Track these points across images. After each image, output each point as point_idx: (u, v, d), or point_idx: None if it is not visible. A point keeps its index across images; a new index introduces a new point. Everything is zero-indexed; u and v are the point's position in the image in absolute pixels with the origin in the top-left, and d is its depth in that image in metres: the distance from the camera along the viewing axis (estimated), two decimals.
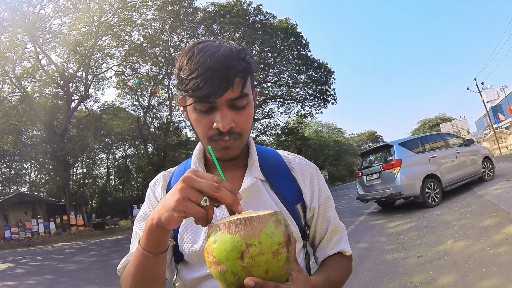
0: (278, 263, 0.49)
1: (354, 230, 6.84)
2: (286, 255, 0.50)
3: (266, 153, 0.89)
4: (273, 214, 0.51)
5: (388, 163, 7.91)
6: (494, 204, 5.77)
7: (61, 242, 14.50)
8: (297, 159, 0.90)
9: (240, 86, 0.67)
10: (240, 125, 0.71)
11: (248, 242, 0.47)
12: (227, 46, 0.69)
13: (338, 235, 0.88)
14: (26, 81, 20.36)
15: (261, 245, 0.47)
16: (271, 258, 0.48)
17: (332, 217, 0.88)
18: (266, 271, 0.48)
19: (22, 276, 7.06)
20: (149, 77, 23.79)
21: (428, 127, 51.69)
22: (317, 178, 0.88)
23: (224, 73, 0.64)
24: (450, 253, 3.95)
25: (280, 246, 0.49)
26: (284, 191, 0.82)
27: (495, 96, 43.13)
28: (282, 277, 0.52)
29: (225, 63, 0.65)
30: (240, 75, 0.67)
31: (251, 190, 0.79)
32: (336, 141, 49.50)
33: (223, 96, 0.66)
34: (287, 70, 28.74)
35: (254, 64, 0.74)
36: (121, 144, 28.71)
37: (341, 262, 0.86)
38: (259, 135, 32.15)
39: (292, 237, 0.52)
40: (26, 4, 17.76)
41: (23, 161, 25.52)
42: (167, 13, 21.87)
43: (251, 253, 0.47)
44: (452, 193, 8.41)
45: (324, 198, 0.87)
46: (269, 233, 0.48)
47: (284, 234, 0.50)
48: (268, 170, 0.83)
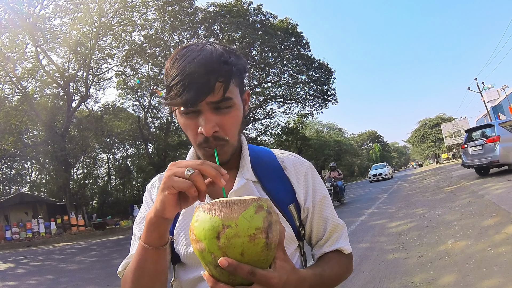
0: (255, 247, 0.49)
1: (354, 230, 6.84)
2: (265, 241, 0.50)
3: (260, 153, 0.87)
4: (256, 200, 0.52)
5: (490, 138, 9.86)
6: (495, 204, 5.77)
7: (62, 242, 14.51)
8: (291, 157, 0.88)
9: (222, 90, 0.66)
10: (225, 129, 0.70)
11: (225, 223, 0.49)
12: (209, 50, 0.67)
13: (337, 233, 0.87)
14: (27, 82, 20.38)
15: (238, 228, 0.48)
16: (247, 241, 0.49)
17: (330, 216, 0.86)
18: (241, 254, 0.49)
19: (23, 276, 7.07)
20: (150, 77, 23.80)
21: (428, 127, 51.60)
22: (312, 176, 0.86)
23: (203, 78, 0.64)
24: (450, 253, 3.94)
25: (258, 231, 0.49)
26: (276, 192, 0.81)
27: (496, 95, 43.05)
28: (261, 263, 0.52)
29: (204, 68, 0.64)
30: (221, 79, 0.65)
31: (242, 191, 0.78)
32: (336, 141, 49.50)
33: (204, 100, 0.65)
34: (287, 70, 28.72)
35: (243, 65, 0.73)
36: (122, 144, 28.73)
37: (338, 260, 0.84)
38: (260, 135, 32.14)
39: (274, 225, 0.52)
40: (27, 5, 17.77)
41: (24, 161, 25.54)
42: (167, 13, 21.87)
43: (227, 234, 0.48)
44: (452, 193, 8.40)
45: (320, 197, 0.86)
46: (247, 217, 0.49)
47: (265, 220, 0.51)
48: (260, 171, 0.82)
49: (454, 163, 33.81)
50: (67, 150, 19.20)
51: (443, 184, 12.30)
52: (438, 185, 12.50)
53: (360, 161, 64.43)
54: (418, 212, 7.57)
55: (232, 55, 0.70)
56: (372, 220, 7.92)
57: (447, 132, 43.91)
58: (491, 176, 10.15)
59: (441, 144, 48.94)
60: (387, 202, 11.15)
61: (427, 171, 29.38)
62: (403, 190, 15.26)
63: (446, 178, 14.94)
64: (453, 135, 43.35)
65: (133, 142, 27.57)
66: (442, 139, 46.11)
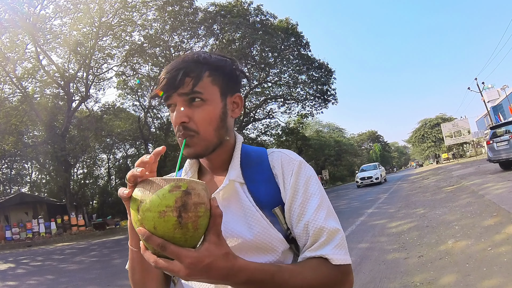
0: (166, 224, 0.53)
1: (355, 230, 6.84)
2: (177, 220, 0.53)
3: (251, 154, 0.85)
4: (175, 180, 0.55)
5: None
6: (495, 204, 5.77)
7: (62, 242, 14.52)
8: (280, 155, 0.83)
9: (191, 84, 0.73)
10: (196, 122, 0.74)
11: (142, 198, 0.55)
12: (188, 55, 0.77)
13: (324, 238, 0.74)
14: (27, 82, 20.41)
15: (150, 203, 0.54)
16: (157, 217, 0.53)
17: (312, 218, 0.75)
18: (154, 227, 0.54)
19: (23, 276, 7.07)
20: (150, 77, 23.79)
21: (428, 126, 51.59)
22: (298, 175, 0.79)
23: (173, 73, 0.73)
24: (451, 253, 3.94)
25: (168, 209, 0.53)
26: (259, 194, 0.78)
27: (496, 95, 43.06)
28: (178, 240, 0.55)
29: (176, 66, 0.74)
30: (192, 75, 0.73)
31: (228, 192, 0.78)
32: (336, 141, 49.50)
33: (175, 92, 0.73)
34: (287, 70, 28.73)
35: (227, 68, 0.79)
36: (122, 145, 28.76)
37: (316, 267, 0.71)
38: (260, 135, 32.17)
39: (193, 206, 0.54)
40: (27, 5, 17.79)
41: (24, 161, 25.56)
42: (167, 14, 21.87)
43: (142, 207, 0.55)
44: (452, 193, 8.40)
45: (304, 198, 0.77)
46: (160, 195, 0.54)
47: (178, 199, 0.53)
48: (248, 172, 0.81)
49: (454, 163, 33.81)
50: (67, 150, 19.21)
51: (443, 184, 12.31)
52: (438, 185, 12.51)
53: (360, 161, 64.39)
54: (418, 212, 7.57)
55: (214, 58, 0.78)
56: (372, 220, 7.92)
57: (447, 132, 43.89)
58: (491, 176, 10.16)
59: (441, 144, 48.95)
60: (387, 202, 11.15)
61: (427, 171, 29.38)
62: (403, 190, 15.26)
63: (446, 178, 14.94)
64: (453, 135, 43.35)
65: (133, 142, 27.59)
66: (442, 139, 46.10)
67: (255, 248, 0.75)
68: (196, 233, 0.56)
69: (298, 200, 0.77)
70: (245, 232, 0.75)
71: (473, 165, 19.31)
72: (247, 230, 0.75)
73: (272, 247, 0.76)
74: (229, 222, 0.75)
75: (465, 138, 42.96)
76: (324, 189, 0.84)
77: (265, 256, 0.76)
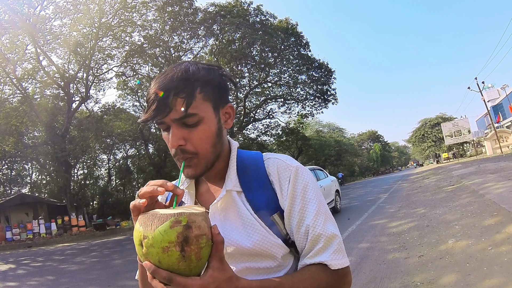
0: (169, 258, 0.55)
1: (355, 230, 6.84)
2: (180, 254, 0.55)
3: (247, 160, 0.84)
4: (175, 215, 0.56)
5: None
6: (495, 203, 5.77)
7: (63, 243, 14.52)
8: (276, 161, 0.82)
9: (184, 105, 0.70)
10: (193, 143, 0.73)
11: (144, 234, 0.56)
12: (175, 71, 0.72)
13: (322, 244, 0.75)
14: (27, 83, 20.42)
15: (153, 239, 0.55)
16: (161, 252, 0.55)
17: (312, 224, 0.75)
18: (159, 261, 0.56)
19: (24, 277, 7.07)
20: (150, 77, 23.76)
21: (429, 126, 51.60)
22: (295, 181, 0.79)
23: (163, 96, 0.70)
24: (451, 253, 3.94)
25: (171, 244, 0.55)
26: (258, 202, 0.78)
27: (496, 95, 43.08)
28: (182, 271, 0.57)
29: (165, 86, 0.70)
30: (182, 95, 0.70)
31: (226, 202, 0.79)
32: (337, 141, 49.47)
33: (168, 117, 0.71)
34: (287, 70, 28.73)
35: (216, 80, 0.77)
36: (122, 145, 28.76)
37: (315, 274, 0.73)
38: (260, 135, 32.15)
39: (195, 239, 0.56)
40: (27, 6, 17.78)
41: (24, 162, 25.58)
42: (167, 14, 21.88)
43: (145, 243, 0.56)
44: (453, 192, 8.40)
45: (302, 204, 0.77)
46: (161, 231, 0.55)
47: (179, 235, 0.55)
48: (245, 180, 0.81)
49: (455, 162, 33.80)
50: (67, 150, 19.21)
51: (444, 184, 12.30)
52: (439, 185, 12.50)
53: (360, 161, 64.45)
54: (418, 211, 7.57)
55: (202, 70, 0.75)
56: (373, 220, 7.92)
57: (447, 131, 43.92)
58: (492, 176, 10.14)
59: (441, 144, 48.96)
60: (388, 202, 11.15)
61: (427, 171, 29.37)
62: (403, 189, 15.26)
63: (446, 177, 14.93)
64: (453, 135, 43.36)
65: (134, 143, 27.60)
66: (443, 139, 46.12)
67: (255, 255, 0.76)
68: (199, 263, 0.58)
69: (297, 207, 0.77)
70: (244, 241, 0.75)
71: (474, 164, 19.31)
72: (246, 238, 0.75)
73: (271, 254, 0.77)
74: (227, 232, 0.76)
75: (465, 137, 43.00)
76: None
77: (265, 262, 0.77)
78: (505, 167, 11.99)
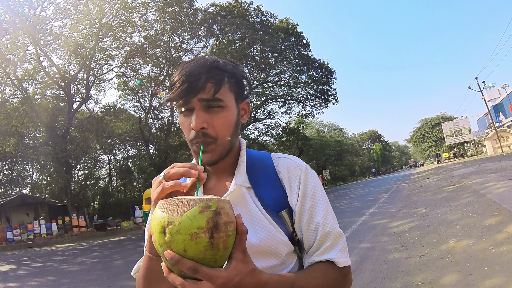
0: (197, 245, 0.52)
1: (356, 230, 6.84)
2: (209, 241, 0.52)
3: (256, 158, 0.87)
4: (204, 200, 0.54)
5: None
6: (496, 203, 5.76)
7: (63, 243, 14.53)
8: (286, 160, 0.86)
9: (212, 90, 0.73)
10: (215, 128, 0.75)
11: (169, 220, 0.53)
12: (207, 59, 0.77)
13: (330, 242, 0.79)
14: (28, 83, 20.44)
15: (180, 225, 0.52)
16: (188, 239, 0.52)
17: (321, 222, 0.79)
18: (184, 250, 0.52)
19: (24, 277, 7.07)
20: (150, 78, 23.82)
21: (429, 126, 51.59)
22: (306, 180, 0.82)
23: (194, 77, 0.73)
24: (452, 253, 3.94)
25: (200, 230, 0.52)
26: (267, 198, 0.81)
27: (497, 94, 43.02)
28: (209, 261, 0.54)
29: (198, 70, 0.74)
30: (212, 81, 0.73)
31: (235, 197, 0.79)
32: (337, 141, 49.47)
33: (196, 97, 0.73)
34: (288, 70, 28.74)
35: (239, 75, 0.81)
36: (123, 145, 28.77)
37: (325, 271, 0.77)
38: (261, 136, 32.15)
39: (224, 226, 0.54)
40: (27, 6, 17.81)
41: (25, 162, 25.60)
42: (167, 14, 21.89)
43: (170, 230, 0.52)
44: (454, 192, 8.40)
45: (312, 203, 0.81)
46: (190, 216, 0.52)
47: (209, 220, 0.53)
48: (254, 177, 0.83)
49: (455, 162, 33.76)
50: (68, 151, 19.23)
51: (444, 184, 12.29)
52: (439, 185, 12.49)
53: (361, 161, 64.44)
54: (419, 211, 7.56)
55: (229, 65, 0.79)
56: (374, 219, 7.92)
57: (448, 131, 43.88)
58: (493, 175, 10.13)
59: (442, 144, 48.93)
60: (389, 202, 11.14)
61: (428, 171, 29.34)
62: (404, 189, 15.25)
63: (447, 177, 14.92)
64: (454, 134, 43.33)
65: (134, 143, 27.60)
66: (443, 138, 46.09)
67: (260, 252, 0.76)
68: (225, 253, 0.56)
69: (307, 205, 0.81)
70: (250, 237, 0.75)
71: (474, 164, 19.29)
72: (253, 234, 0.76)
73: (276, 251, 0.78)
74: None
75: (466, 137, 42.97)
76: (325, 189, 0.87)
77: (269, 260, 0.78)
78: (506, 166, 11.97)
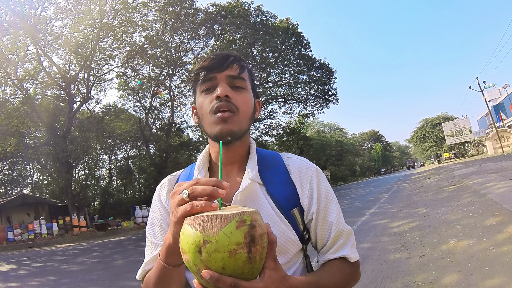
0: (236, 262, 0.51)
1: (356, 230, 6.82)
2: (247, 256, 0.52)
3: (266, 157, 0.89)
4: (238, 214, 0.53)
5: None
6: (497, 203, 5.75)
7: (64, 243, 14.53)
8: (298, 161, 0.89)
9: (238, 70, 0.80)
10: (237, 101, 0.78)
11: (206, 238, 0.51)
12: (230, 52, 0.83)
13: (343, 240, 0.84)
14: (28, 83, 20.42)
15: (218, 243, 0.50)
16: (228, 256, 0.50)
17: (335, 221, 0.84)
18: (223, 267, 0.51)
19: (25, 277, 7.08)
20: (151, 78, 23.80)
21: (430, 126, 51.54)
22: (318, 181, 0.85)
23: (223, 57, 0.80)
24: (453, 253, 3.93)
25: (239, 247, 0.51)
26: (279, 196, 0.82)
27: (497, 94, 42.95)
28: (246, 275, 0.53)
29: (224, 53, 0.81)
30: (238, 63, 0.80)
31: (247, 193, 0.80)
32: (338, 141, 49.45)
33: (223, 72, 0.78)
34: (288, 70, 28.71)
35: (253, 74, 0.88)
36: (123, 145, 28.74)
37: (341, 268, 0.82)
38: (261, 136, 32.12)
39: (259, 239, 0.53)
40: (28, 6, 17.80)
41: (26, 162, 25.59)
42: (168, 14, 21.89)
43: (208, 249, 0.50)
44: (454, 192, 8.39)
45: (325, 203, 0.85)
46: (227, 233, 0.51)
47: (246, 235, 0.52)
48: (265, 174, 0.84)
49: (456, 162, 33.73)
50: (68, 151, 19.23)
51: (445, 184, 12.28)
52: (440, 185, 12.48)
53: (361, 161, 64.38)
54: (420, 211, 7.56)
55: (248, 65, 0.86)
56: (374, 220, 7.91)
57: (448, 131, 43.83)
58: (493, 175, 10.11)
59: (442, 144, 48.88)
60: (389, 202, 11.13)
61: (428, 171, 29.32)
62: (405, 189, 15.24)
63: (447, 177, 14.91)
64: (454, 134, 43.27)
65: (135, 143, 27.58)
66: (444, 139, 46.04)
67: None
68: (261, 264, 0.56)
69: (321, 204, 0.84)
70: None
71: (475, 164, 19.27)
72: None
73: (285, 250, 0.79)
74: None
75: (466, 137, 42.92)
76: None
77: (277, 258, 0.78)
78: (507, 166, 11.96)
